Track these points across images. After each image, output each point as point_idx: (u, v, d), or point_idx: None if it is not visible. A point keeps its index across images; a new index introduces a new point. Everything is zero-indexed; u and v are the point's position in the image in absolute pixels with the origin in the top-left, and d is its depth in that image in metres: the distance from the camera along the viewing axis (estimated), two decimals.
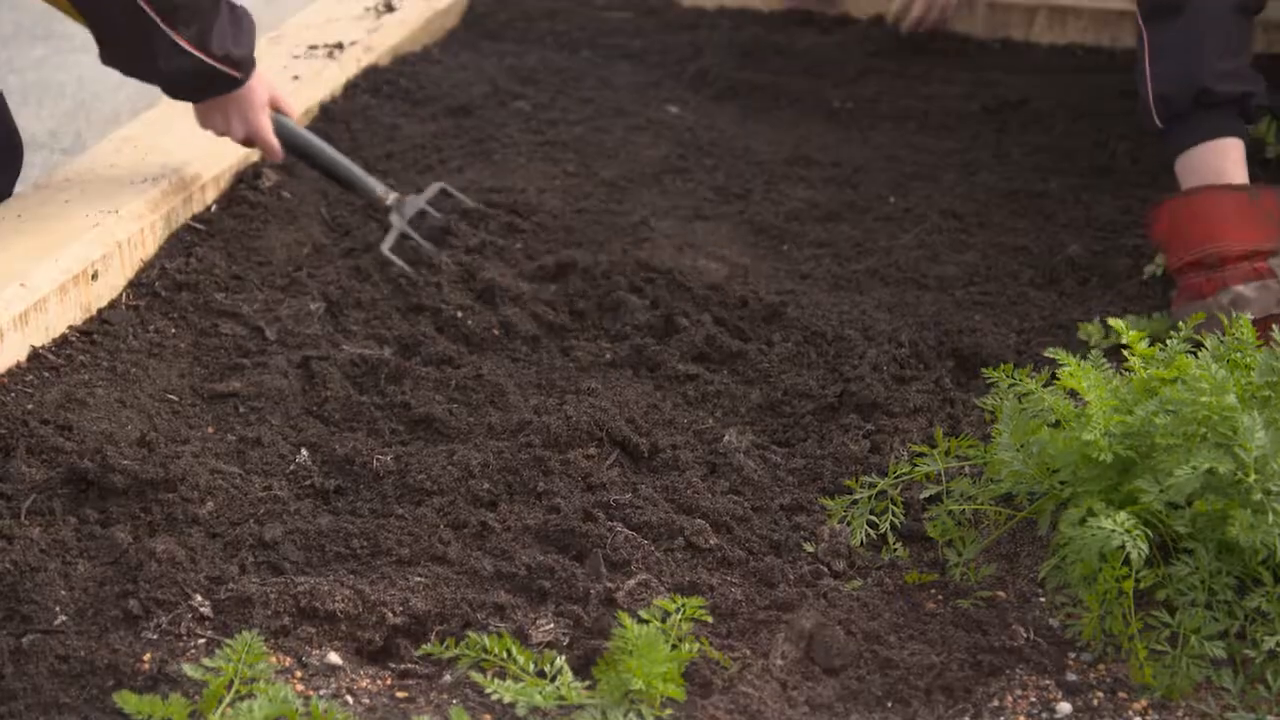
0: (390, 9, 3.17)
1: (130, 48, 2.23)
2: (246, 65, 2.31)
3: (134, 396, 2.00)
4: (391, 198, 2.50)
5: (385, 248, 2.40)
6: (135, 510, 1.78)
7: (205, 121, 2.41)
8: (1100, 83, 3.08)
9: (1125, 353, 1.77)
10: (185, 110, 2.54)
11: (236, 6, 2.31)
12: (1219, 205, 2.23)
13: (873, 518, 1.82)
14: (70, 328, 2.13)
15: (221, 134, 2.42)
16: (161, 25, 2.17)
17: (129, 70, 2.29)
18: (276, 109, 2.44)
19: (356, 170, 2.50)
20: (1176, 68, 2.31)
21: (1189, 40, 2.31)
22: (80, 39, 5.17)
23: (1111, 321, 1.81)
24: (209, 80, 2.28)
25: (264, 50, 2.92)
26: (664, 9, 3.44)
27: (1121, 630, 1.58)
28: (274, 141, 2.43)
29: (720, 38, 3.32)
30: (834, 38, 3.31)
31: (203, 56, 2.23)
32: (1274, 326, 1.89)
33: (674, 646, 1.53)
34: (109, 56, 2.26)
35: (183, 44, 2.20)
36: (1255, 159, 2.69)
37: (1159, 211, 2.28)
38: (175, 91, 2.34)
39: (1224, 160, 2.28)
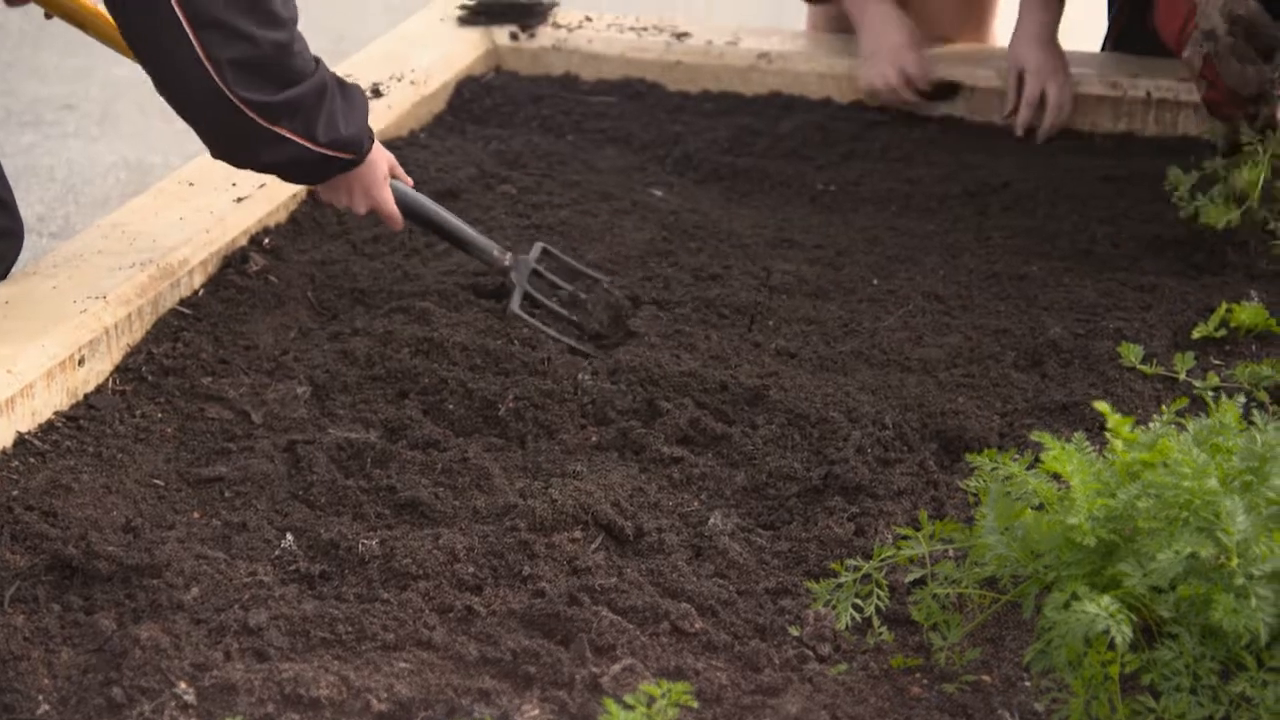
0: (377, 95, 3.20)
1: (236, 145, 2.26)
2: (358, 144, 2.34)
3: (119, 482, 2.00)
4: (509, 258, 2.59)
5: (515, 307, 2.50)
6: (119, 597, 1.78)
7: (328, 197, 2.47)
8: (1080, 166, 3.12)
9: (1108, 435, 1.78)
10: (174, 196, 2.57)
11: (348, 85, 2.33)
12: None
13: (858, 601, 1.82)
14: (56, 413, 2.14)
15: (345, 208, 2.47)
16: (262, 123, 2.19)
17: (238, 165, 2.33)
18: (393, 175, 2.49)
19: (474, 233, 2.60)
20: None
21: None
22: (71, 125, 5.22)
23: (1097, 405, 1.82)
24: (322, 166, 2.31)
25: None
26: (648, 93, 3.47)
27: (1108, 716, 1.58)
28: (397, 214, 2.49)
29: (704, 122, 3.35)
30: (817, 121, 3.34)
31: (309, 145, 2.25)
32: None
33: None
34: (216, 153, 2.29)
35: (287, 135, 2.22)
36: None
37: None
38: (291, 179, 2.39)
39: None
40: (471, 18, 3.64)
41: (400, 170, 2.53)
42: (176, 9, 2.08)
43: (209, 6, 2.10)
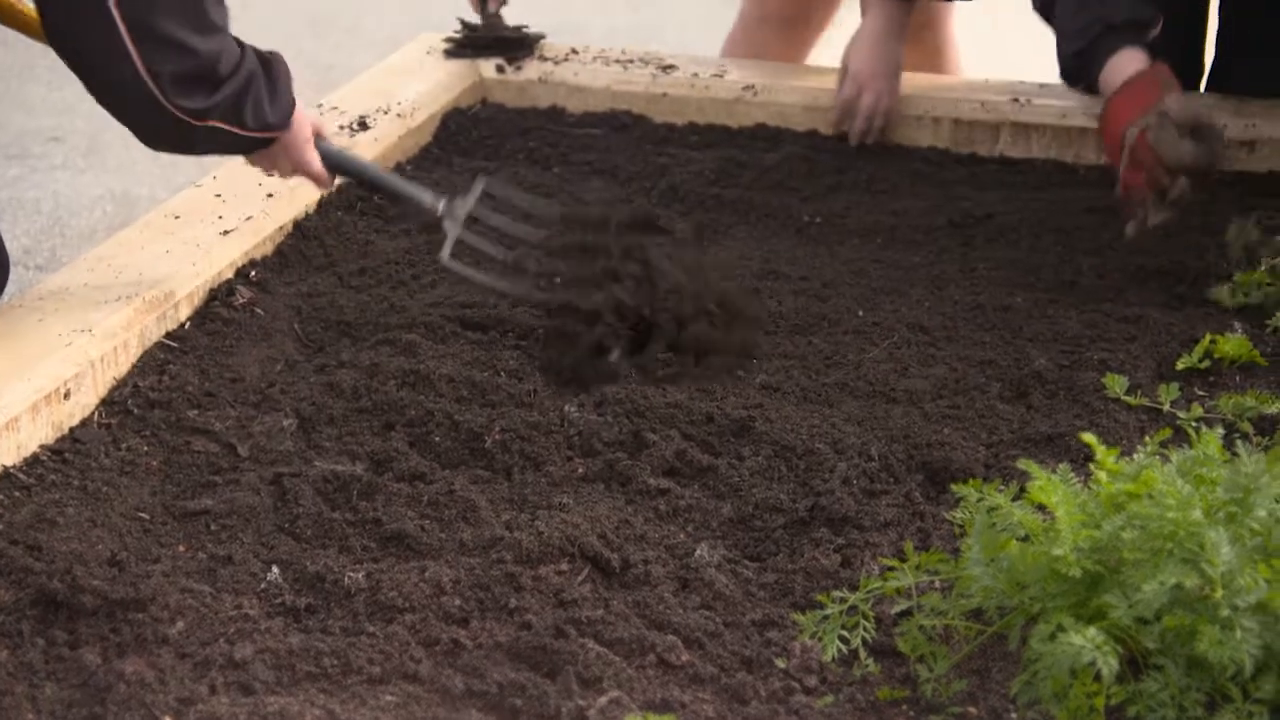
0: (365, 127, 3.21)
1: (168, 143, 2.32)
2: (284, 122, 2.36)
3: (105, 515, 2.00)
4: (442, 204, 2.53)
5: (445, 257, 2.43)
6: (104, 631, 1.77)
7: (255, 164, 2.49)
8: (1064, 198, 3.13)
9: (1092, 466, 1.78)
10: (160, 229, 2.57)
11: (272, 64, 2.35)
12: (1128, 93, 2.79)
13: (844, 633, 1.82)
14: (42, 446, 2.13)
15: (269, 173, 2.50)
16: (195, 124, 2.22)
17: (175, 152, 2.39)
18: (318, 135, 2.50)
19: (403, 183, 2.59)
20: (1064, 33, 2.99)
21: (1064, 10, 2.97)
22: (58, 158, 5.23)
23: (1083, 436, 1.83)
24: (252, 144, 2.36)
25: (239, 169, 2.94)
26: (634, 125, 3.48)
27: None
28: (324, 175, 2.51)
29: (690, 154, 3.36)
30: (802, 152, 3.36)
31: (238, 131, 2.28)
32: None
33: None
34: (149, 146, 2.34)
35: (218, 126, 2.25)
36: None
37: (1104, 139, 2.85)
38: (221, 154, 2.46)
39: (1124, 64, 2.83)
40: (458, 50, 3.66)
41: (324, 128, 2.54)
42: (119, 21, 2.10)
43: (150, 19, 2.12)
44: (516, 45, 3.65)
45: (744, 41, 3.97)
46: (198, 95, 2.20)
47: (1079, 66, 2.97)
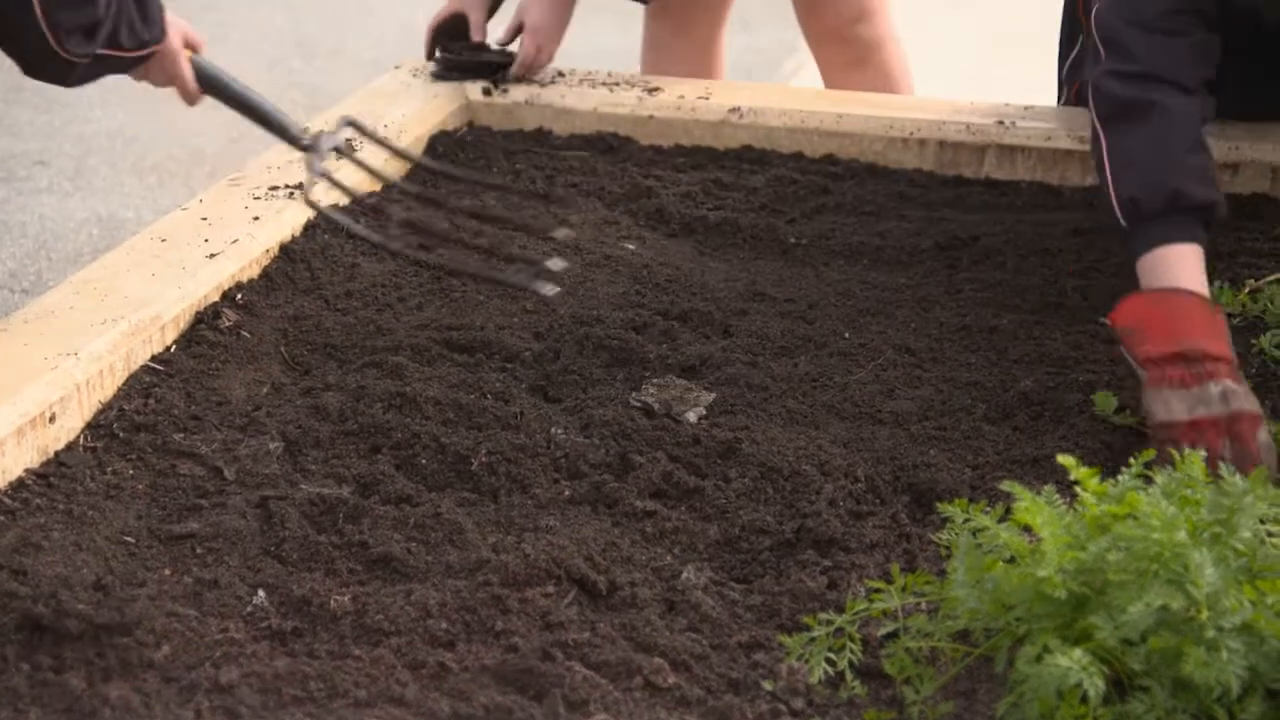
0: (352, 149, 3.21)
1: (59, 80, 2.36)
2: (158, 35, 2.42)
3: (90, 539, 2.00)
4: (307, 137, 2.52)
5: (310, 196, 2.41)
6: (90, 655, 1.77)
7: (134, 76, 2.52)
8: (1050, 220, 3.14)
9: (1077, 488, 1.79)
10: (146, 253, 2.56)
11: None
12: (1196, 309, 2.35)
13: (831, 655, 1.82)
14: (27, 470, 2.13)
15: (141, 80, 2.53)
16: (85, 63, 2.29)
17: (55, 84, 2.41)
18: (191, 47, 2.54)
19: (272, 110, 2.59)
20: (1148, 172, 2.45)
21: (1157, 144, 2.46)
22: (44, 181, 5.23)
23: (1061, 459, 1.83)
24: (133, 64, 2.42)
25: (225, 192, 2.95)
26: (621, 148, 3.49)
27: None
28: (193, 88, 2.55)
29: (676, 176, 3.37)
30: (789, 174, 3.37)
31: (121, 54, 2.35)
32: (1261, 428, 2.17)
33: None
34: (33, 76, 2.37)
35: (104, 54, 2.32)
36: None
37: (1131, 301, 2.41)
38: (103, 77, 2.47)
39: (1187, 266, 2.41)
40: (444, 74, 3.66)
41: (195, 39, 2.58)
42: None
43: None
44: (503, 68, 3.65)
45: (646, 46, 4.05)
46: (88, 44, 2.28)
47: (1129, 230, 2.49)
